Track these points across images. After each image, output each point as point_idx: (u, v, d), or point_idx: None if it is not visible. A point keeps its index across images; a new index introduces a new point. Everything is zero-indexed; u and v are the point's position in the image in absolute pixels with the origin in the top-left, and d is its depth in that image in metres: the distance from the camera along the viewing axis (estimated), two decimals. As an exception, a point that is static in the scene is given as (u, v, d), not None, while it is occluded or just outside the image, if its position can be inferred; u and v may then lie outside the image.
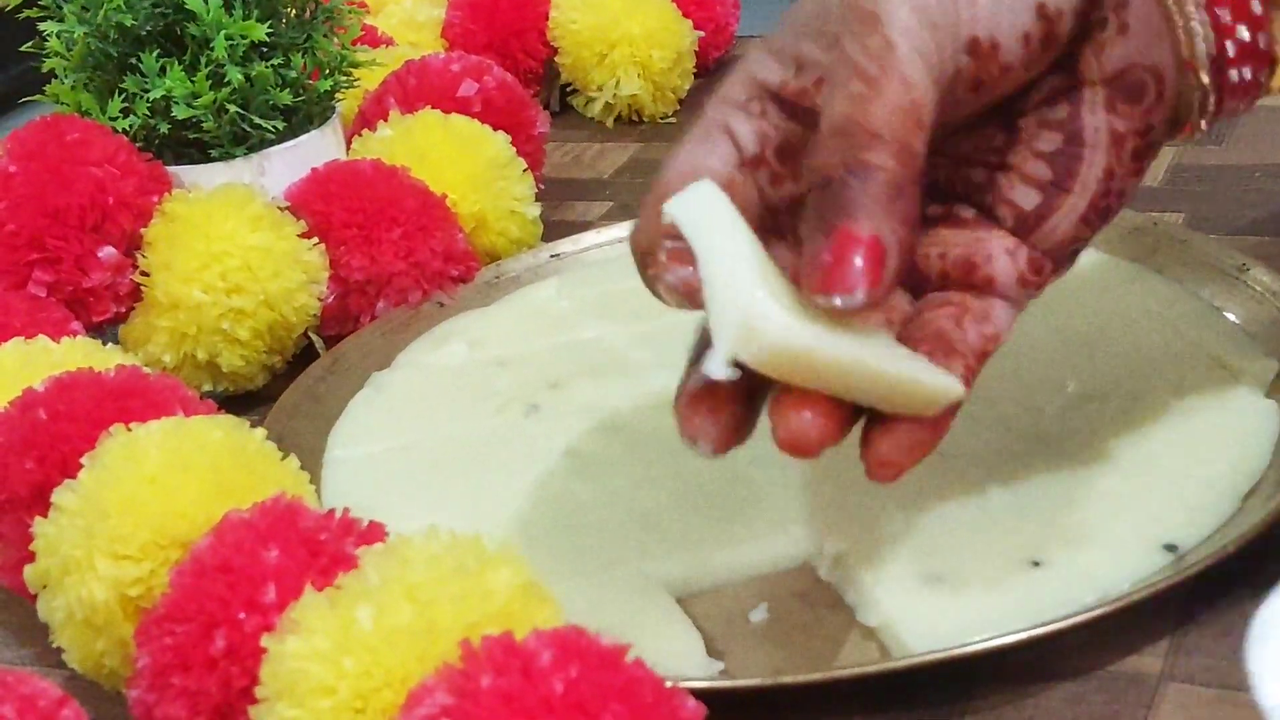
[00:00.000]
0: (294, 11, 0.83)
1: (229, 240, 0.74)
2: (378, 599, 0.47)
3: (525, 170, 0.86)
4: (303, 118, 0.83)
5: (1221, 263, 0.72)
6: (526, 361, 0.76)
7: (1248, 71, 0.54)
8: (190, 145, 0.80)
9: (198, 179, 0.79)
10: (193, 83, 0.78)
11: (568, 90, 1.09)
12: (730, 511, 0.62)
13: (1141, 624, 0.54)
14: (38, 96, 0.83)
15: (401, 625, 0.46)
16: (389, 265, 0.78)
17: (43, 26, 0.81)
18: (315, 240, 0.77)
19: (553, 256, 0.84)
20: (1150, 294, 0.72)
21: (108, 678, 0.56)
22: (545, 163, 0.93)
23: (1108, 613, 0.53)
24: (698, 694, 0.45)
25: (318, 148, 0.83)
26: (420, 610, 0.46)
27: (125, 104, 0.79)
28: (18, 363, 0.65)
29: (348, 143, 0.87)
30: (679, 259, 0.49)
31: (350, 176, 0.80)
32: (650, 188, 0.53)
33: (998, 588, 0.56)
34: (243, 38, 0.78)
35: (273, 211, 0.77)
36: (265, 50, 0.80)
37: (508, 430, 0.70)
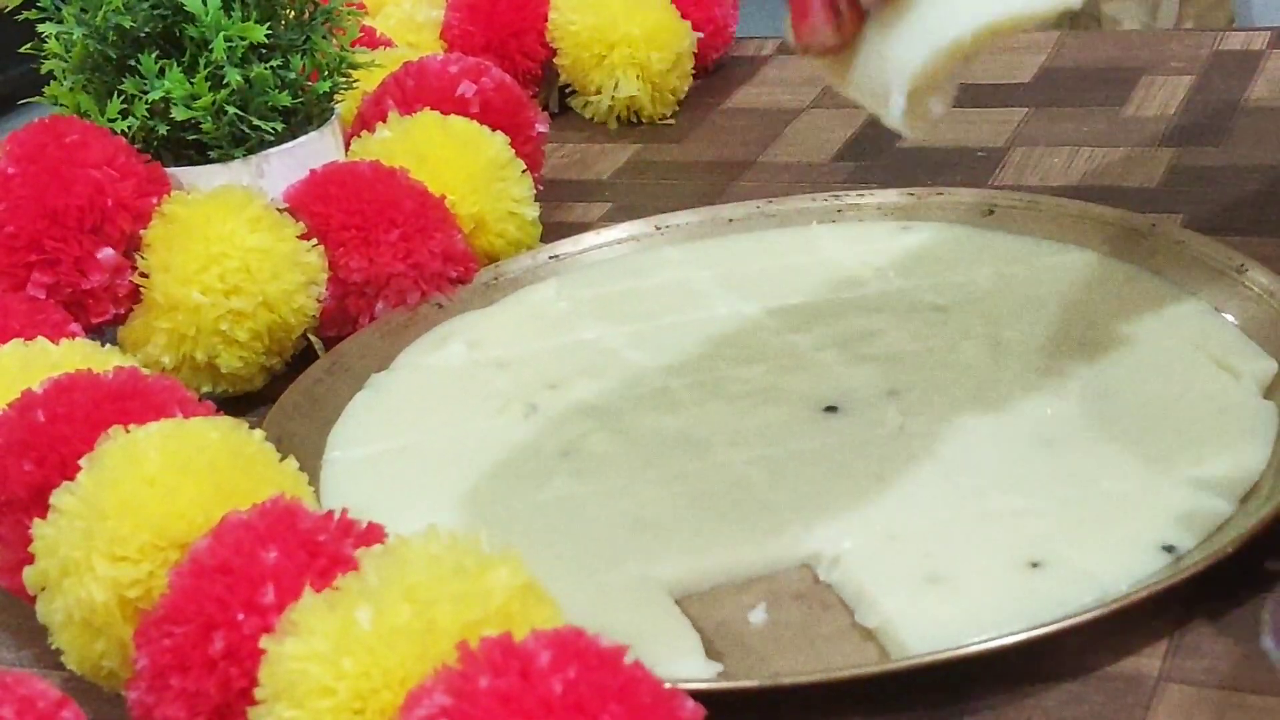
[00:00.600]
0: (293, 13, 0.83)
1: (228, 242, 0.74)
2: (376, 600, 0.47)
3: (524, 171, 0.86)
4: (301, 119, 0.83)
5: (1220, 264, 0.72)
6: (525, 362, 0.76)
7: None
8: (189, 147, 0.80)
9: (196, 180, 0.79)
10: (191, 84, 0.77)
11: (566, 91, 1.09)
12: (729, 513, 0.62)
13: (1140, 625, 0.54)
14: (36, 98, 0.83)
15: (400, 626, 0.46)
16: (388, 266, 0.78)
17: (41, 28, 0.81)
18: (314, 242, 0.77)
19: (551, 257, 0.84)
20: (1149, 295, 0.72)
21: (107, 679, 0.56)
22: (544, 164, 0.93)
23: (1106, 614, 0.53)
24: (696, 695, 0.45)
25: (316, 149, 0.83)
26: (419, 611, 0.46)
27: (124, 105, 0.79)
28: (17, 364, 0.65)
29: (346, 144, 0.87)
30: None
31: (349, 178, 0.80)
32: None
33: (996, 589, 0.56)
34: (241, 39, 0.78)
35: (271, 213, 0.77)
36: (264, 52, 0.80)
37: (506, 431, 0.70)
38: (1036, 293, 0.74)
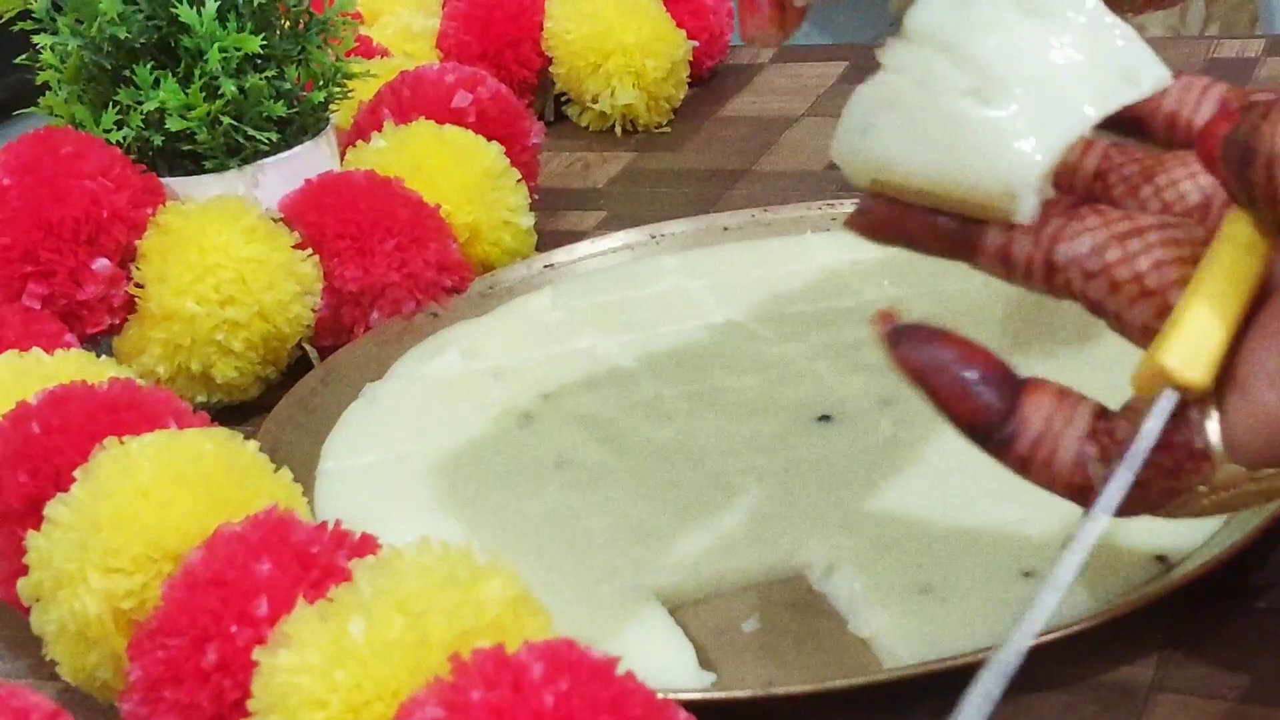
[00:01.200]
0: (288, 23, 0.83)
1: (223, 252, 0.75)
2: (369, 611, 0.47)
3: (519, 180, 0.86)
4: (296, 129, 0.83)
5: (1213, 272, 0.72)
6: (520, 372, 0.76)
7: None
8: (184, 157, 0.80)
9: (191, 191, 0.79)
10: (186, 95, 0.78)
11: (562, 100, 1.09)
12: (723, 522, 0.63)
13: (1132, 634, 0.54)
14: (32, 109, 0.83)
15: (393, 638, 0.46)
16: (383, 276, 0.78)
17: (37, 39, 0.81)
18: (309, 251, 0.77)
19: (547, 267, 0.84)
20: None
21: (101, 690, 0.56)
22: (539, 173, 0.93)
23: (1098, 623, 0.53)
24: (689, 706, 0.45)
25: (312, 159, 0.83)
26: (412, 622, 0.47)
27: (119, 116, 0.79)
28: (11, 375, 0.65)
29: (342, 154, 0.87)
30: None
31: (344, 188, 0.80)
32: None
33: (989, 598, 0.56)
34: (236, 50, 0.78)
35: (266, 223, 0.77)
36: (259, 62, 0.80)
37: (501, 440, 0.70)
38: (1029, 301, 0.74)
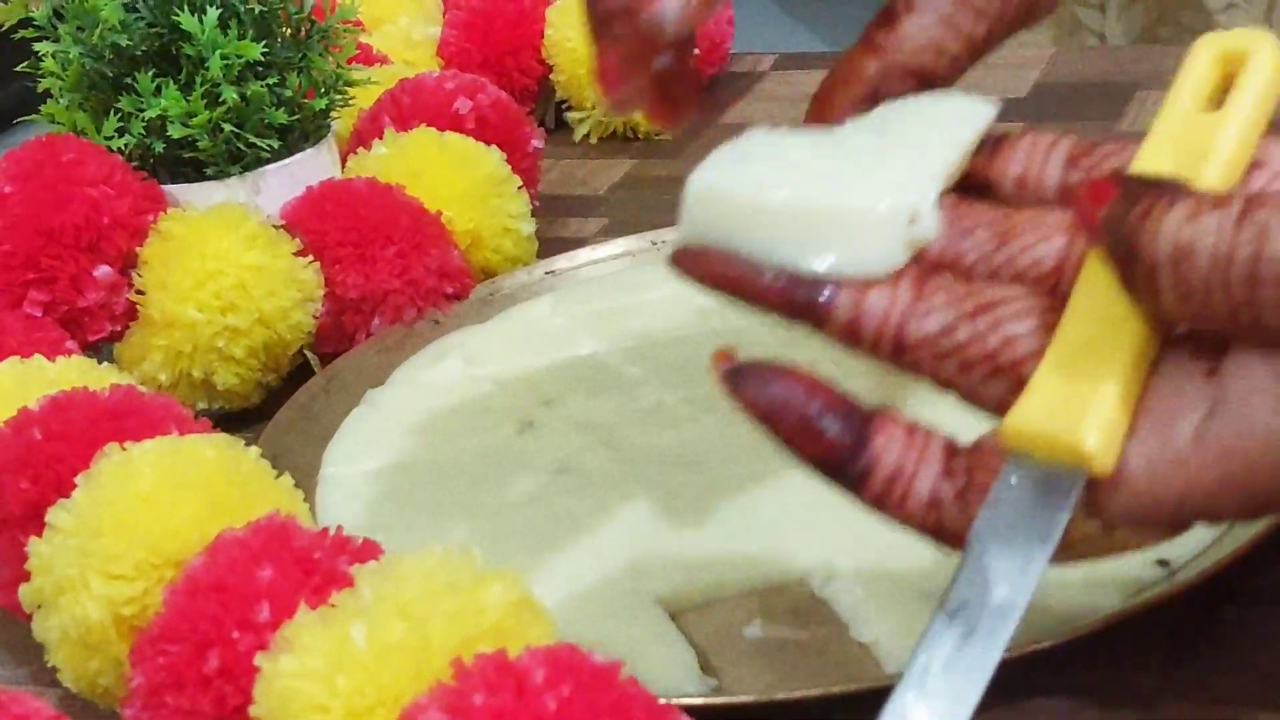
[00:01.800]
0: (289, 31, 0.83)
1: (224, 259, 0.74)
2: (371, 617, 0.47)
3: (520, 187, 0.86)
4: (298, 136, 0.83)
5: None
6: (521, 378, 0.76)
7: None
8: (185, 164, 0.80)
9: (193, 198, 0.79)
10: (188, 102, 0.78)
11: (563, 107, 1.09)
12: (724, 527, 0.62)
13: (1135, 639, 0.54)
14: (33, 116, 0.83)
15: (395, 643, 0.46)
16: (384, 283, 0.78)
17: (38, 47, 0.81)
18: (310, 258, 0.77)
19: (548, 273, 0.84)
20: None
21: (102, 697, 0.56)
22: (540, 180, 0.93)
23: (1101, 628, 0.53)
24: (691, 711, 0.45)
25: (313, 166, 0.83)
26: (414, 628, 0.46)
27: (120, 123, 0.79)
28: (13, 382, 0.65)
29: (343, 161, 0.87)
30: None
31: (345, 195, 0.80)
32: None
33: (991, 603, 0.56)
34: (238, 57, 0.78)
35: (268, 230, 0.77)
36: (260, 69, 0.80)
37: (502, 447, 0.70)
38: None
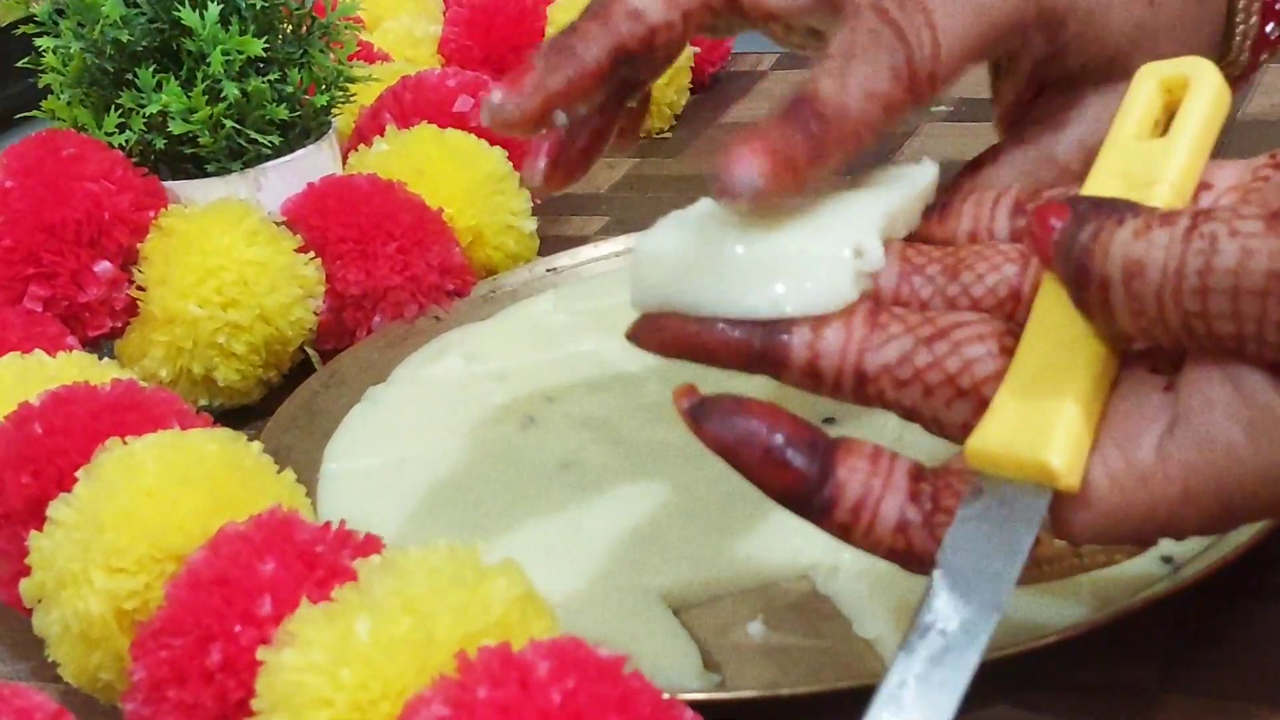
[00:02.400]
0: (290, 27, 0.83)
1: (225, 255, 0.74)
2: (374, 611, 0.47)
3: (522, 185, 0.86)
4: (299, 133, 0.83)
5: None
6: (523, 375, 0.76)
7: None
8: (186, 160, 0.80)
9: (194, 194, 0.79)
10: (189, 98, 0.78)
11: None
12: (727, 524, 0.62)
13: (1138, 635, 0.54)
14: (34, 112, 0.83)
15: (398, 637, 0.46)
16: (385, 279, 0.78)
17: (39, 42, 0.81)
18: (311, 255, 0.77)
19: (549, 270, 0.84)
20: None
21: (103, 691, 0.56)
22: (541, 178, 0.93)
23: (1105, 624, 0.53)
24: (694, 706, 0.45)
25: (314, 163, 0.83)
26: (417, 622, 0.46)
27: (121, 119, 0.79)
28: (14, 377, 0.65)
29: (344, 158, 0.87)
30: None
31: (346, 191, 0.80)
32: None
33: (995, 599, 0.56)
34: (239, 53, 0.78)
35: (269, 226, 0.77)
36: (262, 65, 0.80)
37: (504, 443, 0.70)
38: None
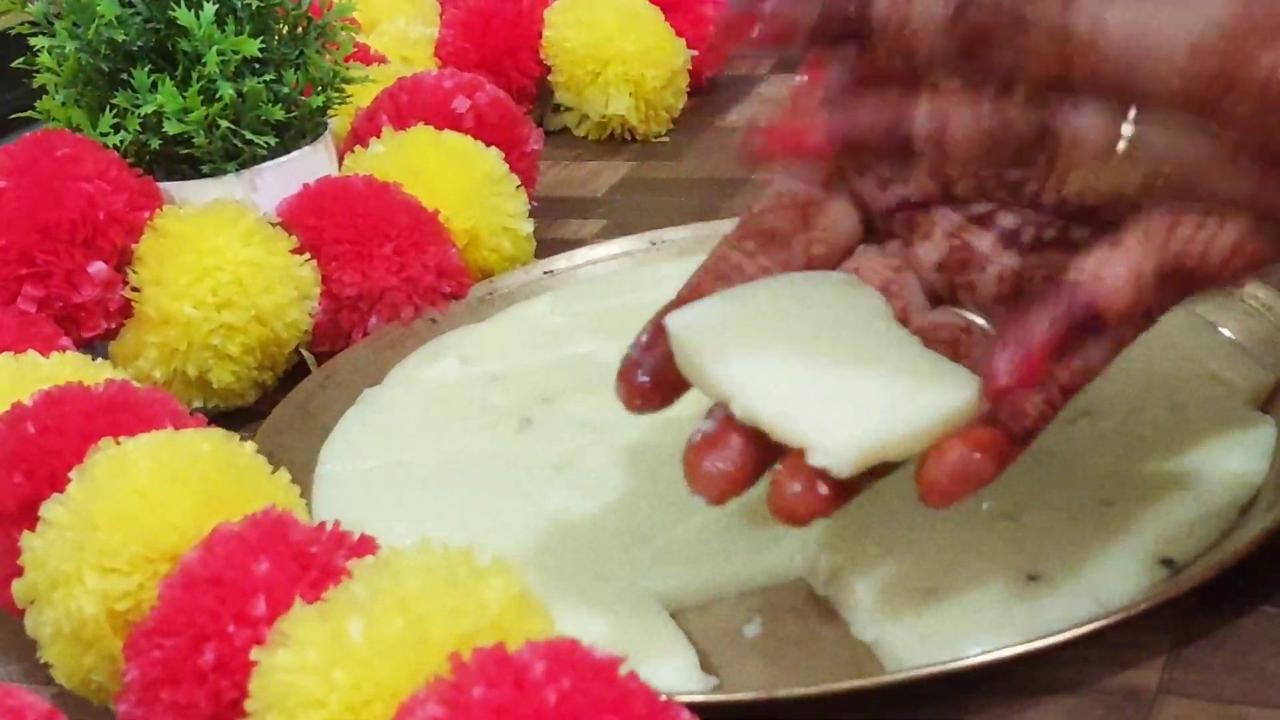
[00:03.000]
0: (286, 28, 0.83)
1: (220, 256, 0.74)
2: (369, 611, 0.47)
3: (518, 187, 0.86)
4: (295, 134, 0.83)
5: (1216, 278, 0.72)
6: (519, 377, 0.75)
7: None
8: (181, 161, 0.80)
9: (189, 195, 0.79)
10: (184, 98, 0.77)
11: (561, 108, 1.09)
12: (725, 525, 0.62)
13: (1138, 638, 0.54)
14: (29, 112, 0.83)
15: (393, 637, 0.46)
16: (381, 281, 0.78)
17: (34, 42, 0.81)
18: (307, 256, 0.77)
19: (546, 273, 0.84)
20: (1145, 309, 0.72)
21: (96, 693, 0.55)
22: (539, 180, 0.93)
23: (1104, 627, 0.53)
24: (692, 707, 0.44)
25: (310, 164, 0.83)
26: (412, 622, 0.46)
27: (116, 119, 0.79)
28: (7, 378, 0.65)
29: (340, 159, 0.87)
30: None
31: (342, 192, 0.80)
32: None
33: (994, 602, 0.56)
34: (235, 53, 0.78)
35: (264, 227, 0.76)
36: (257, 66, 0.80)
37: (500, 445, 0.70)
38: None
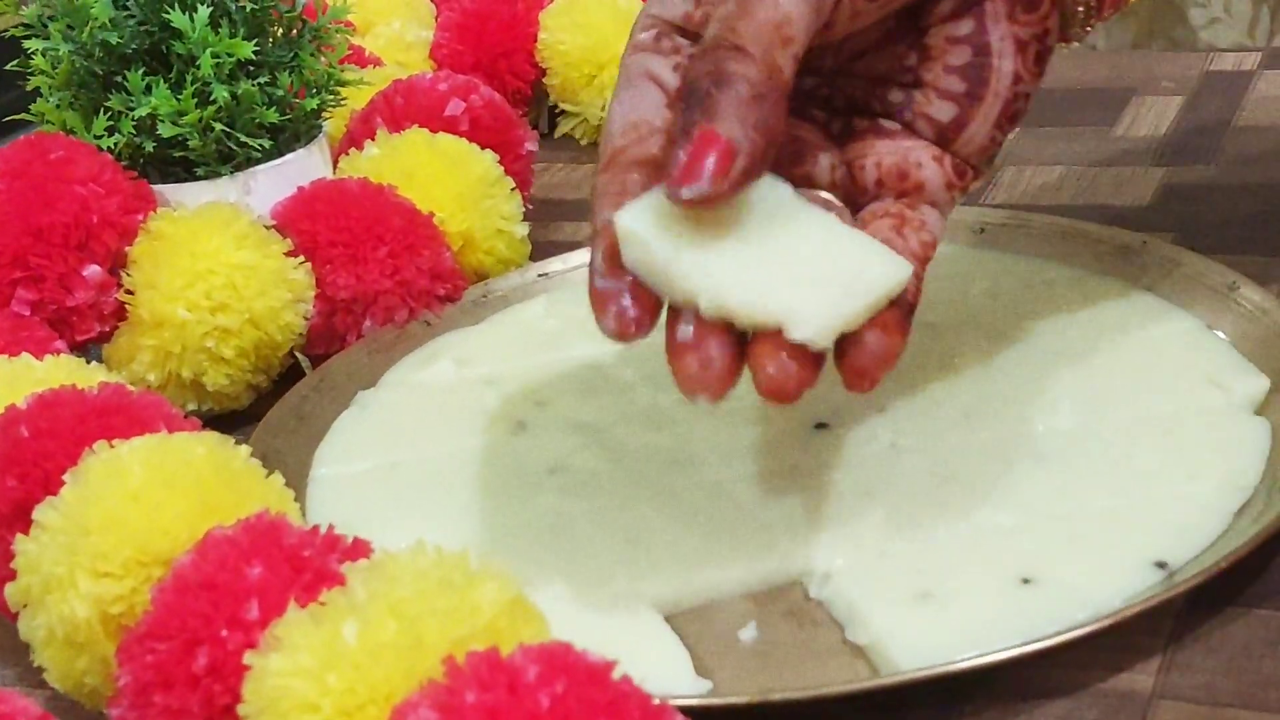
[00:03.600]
0: (281, 30, 0.83)
1: (214, 258, 0.74)
2: (362, 615, 0.47)
3: (513, 189, 0.86)
4: (289, 136, 0.82)
5: (1212, 281, 0.72)
6: (514, 380, 0.75)
7: None
8: (176, 164, 0.80)
9: (183, 197, 0.79)
10: (178, 101, 0.77)
11: (556, 111, 1.08)
12: (719, 529, 0.62)
13: (1133, 641, 0.54)
14: (23, 115, 0.82)
15: (386, 641, 0.46)
16: (375, 284, 0.78)
17: (28, 44, 0.80)
18: (301, 259, 0.77)
19: (541, 275, 0.84)
20: (1140, 312, 0.72)
21: (89, 697, 0.55)
22: (534, 183, 0.93)
23: (1099, 630, 0.53)
24: (686, 711, 0.44)
25: (304, 166, 0.82)
26: (405, 626, 0.46)
27: (110, 122, 0.78)
28: (0, 381, 0.65)
29: (334, 162, 0.86)
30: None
31: (337, 195, 0.80)
32: (601, 148, 0.56)
33: (988, 605, 0.56)
34: (229, 56, 0.78)
35: (258, 230, 0.76)
36: (252, 68, 0.80)
37: (495, 448, 0.70)
38: (1028, 310, 0.74)
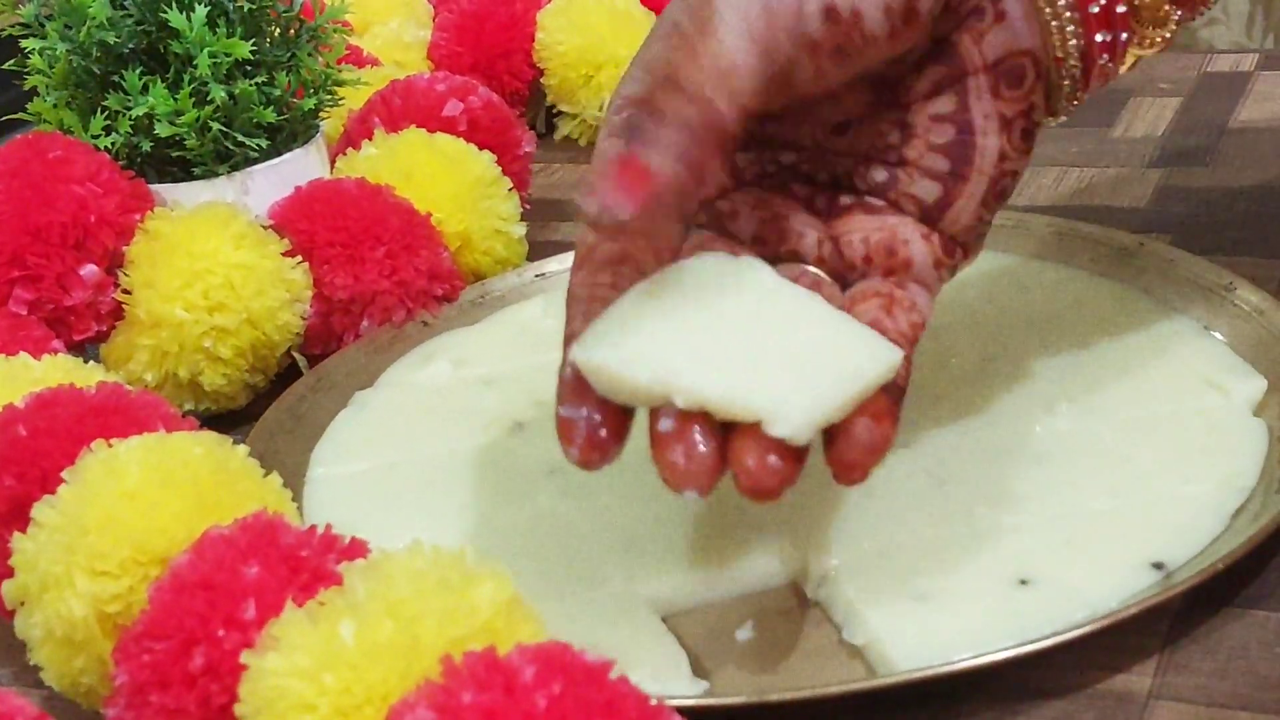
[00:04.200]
0: (278, 30, 0.83)
1: (211, 258, 0.74)
2: (359, 615, 0.47)
3: (511, 190, 0.86)
4: (286, 136, 0.83)
5: (1208, 282, 0.72)
6: (511, 380, 0.75)
7: (1108, 60, 0.58)
8: (173, 163, 0.80)
9: (180, 197, 0.79)
10: (176, 100, 0.77)
11: (554, 112, 1.09)
12: (717, 530, 0.62)
13: (1130, 642, 0.54)
14: (20, 114, 0.82)
15: (383, 641, 0.46)
16: (373, 284, 0.78)
17: (25, 44, 0.80)
18: (299, 259, 0.77)
19: (538, 276, 0.84)
20: (1137, 313, 0.72)
21: (86, 696, 0.55)
22: (531, 183, 0.93)
23: (1096, 631, 0.53)
24: (683, 711, 0.44)
25: (301, 166, 0.82)
26: (402, 626, 0.46)
27: (108, 122, 0.78)
28: (-2, 380, 0.65)
29: (332, 162, 0.86)
30: None
31: (334, 195, 0.80)
32: (576, 246, 0.55)
33: (985, 606, 0.56)
34: (226, 55, 0.78)
35: (256, 230, 0.76)
36: (249, 68, 0.80)
37: (492, 448, 0.70)
38: (1025, 311, 0.74)
